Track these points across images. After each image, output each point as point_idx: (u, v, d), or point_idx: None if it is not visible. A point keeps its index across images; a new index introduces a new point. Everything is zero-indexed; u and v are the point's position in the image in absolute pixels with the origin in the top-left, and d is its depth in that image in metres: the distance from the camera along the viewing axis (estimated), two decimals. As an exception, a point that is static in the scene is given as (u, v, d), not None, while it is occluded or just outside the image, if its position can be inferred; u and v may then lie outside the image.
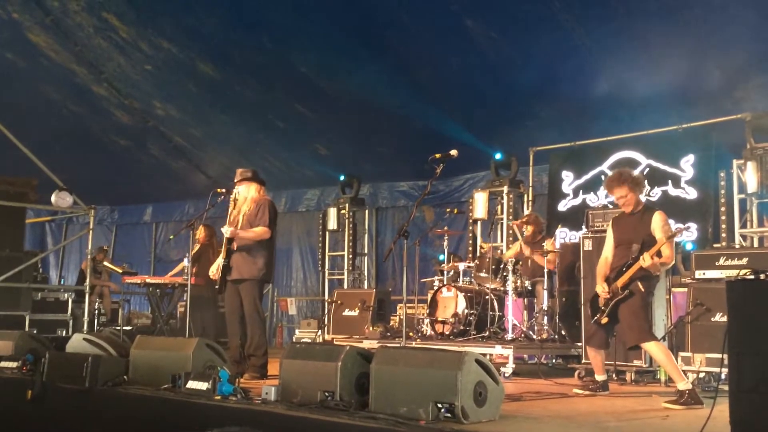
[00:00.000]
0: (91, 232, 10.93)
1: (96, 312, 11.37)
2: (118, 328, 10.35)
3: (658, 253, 5.77)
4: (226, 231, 6.99)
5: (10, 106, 11.82)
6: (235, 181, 7.28)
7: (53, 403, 5.94)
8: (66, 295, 11.29)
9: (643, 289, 5.83)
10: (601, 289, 6.02)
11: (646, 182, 6.32)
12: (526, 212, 10.64)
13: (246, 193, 7.21)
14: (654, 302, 6.37)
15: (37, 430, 5.96)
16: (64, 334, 10.30)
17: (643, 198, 6.27)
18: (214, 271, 7.23)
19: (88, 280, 10.84)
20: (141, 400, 5.59)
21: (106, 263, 13.03)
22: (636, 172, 7.08)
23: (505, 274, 8.69)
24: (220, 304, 10.74)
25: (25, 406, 6.03)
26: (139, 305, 15.14)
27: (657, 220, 5.94)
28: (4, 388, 6.40)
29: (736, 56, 8.41)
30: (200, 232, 9.81)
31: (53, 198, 10.38)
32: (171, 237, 11.29)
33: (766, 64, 8.43)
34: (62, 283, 16.45)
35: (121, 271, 12.28)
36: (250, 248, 7.04)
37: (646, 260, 5.72)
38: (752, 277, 3.45)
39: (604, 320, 5.98)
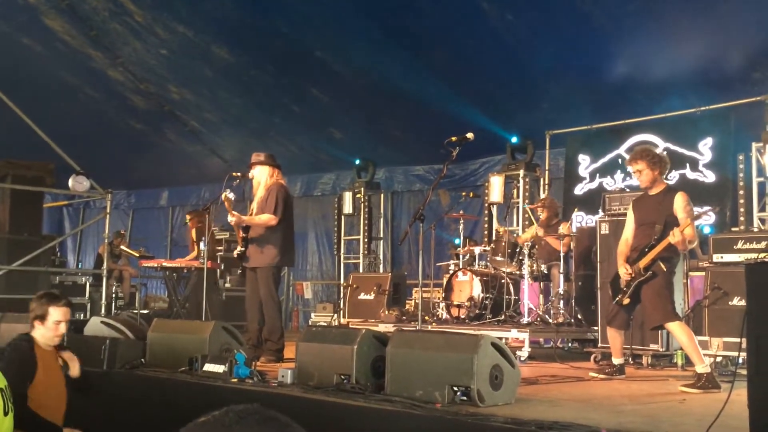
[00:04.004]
0: (108, 216, 10.97)
1: (113, 295, 11.45)
2: (135, 311, 10.42)
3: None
4: (231, 220, 7.05)
5: (27, 90, 11.84)
6: (249, 164, 7.29)
7: (71, 386, 5.99)
8: (83, 278, 11.37)
9: (665, 269, 5.81)
10: (624, 270, 6.00)
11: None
12: (543, 196, 10.59)
13: (260, 178, 7.22)
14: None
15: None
16: (81, 318, 10.38)
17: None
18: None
19: (105, 263, 10.91)
20: (158, 382, 5.64)
21: (123, 247, 13.11)
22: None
23: (520, 258, 8.66)
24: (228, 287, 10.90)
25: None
26: (156, 289, 15.25)
27: (679, 200, 5.91)
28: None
29: (754, 38, 8.30)
30: (188, 219, 9.98)
31: (70, 182, 10.41)
32: (187, 221, 11.33)
33: (787, 46, 8.32)
34: (80, 267, 16.57)
35: (137, 255, 12.36)
36: (263, 236, 7.08)
37: (675, 235, 5.65)
38: (772, 260, 3.42)
39: (626, 301, 5.97)
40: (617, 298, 6.06)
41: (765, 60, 8.61)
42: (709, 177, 9.33)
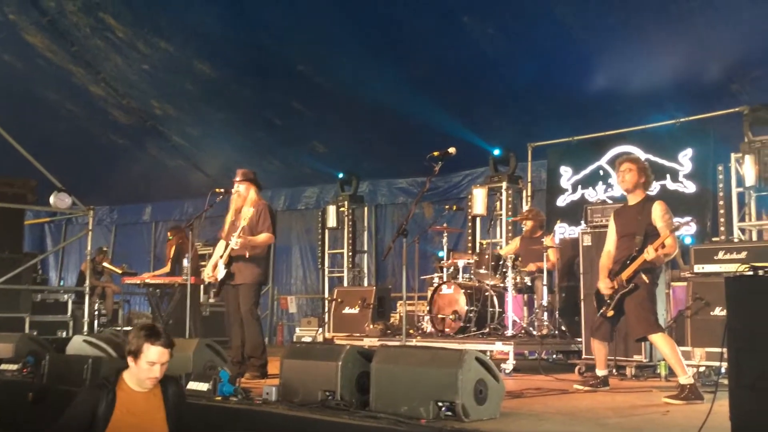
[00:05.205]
0: (90, 232, 10.93)
1: (96, 313, 11.38)
2: (119, 328, 10.36)
3: (662, 245, 5.78)
4: (236, 243, 6.89)
5: (8, 107, 11.81)
6: (237, 179, 7.25)
7: (54, 406, 5.94)
8: (66, 296, 11.29)
9: (647, 281, 5.86)
10: (604, 285, 6.04)
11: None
12: (525, 208, 10.64)
13: (245, 194, 7.19)
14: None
15: (38, 432, 5.96)
16: (64, 335, 10.31)
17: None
18: (210, 273, 7.22)
19: (87, 281, 10.84)
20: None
21: (105, 264, 13.03)
22: None
23: (504, 270, 8.68)
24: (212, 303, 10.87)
25: (26, 409, 6.04)
26: (139, 305, 15.15)
27: (657, 209, 5.97)
28: (4, 391, 6.41)
29: (732, 50, 8.40)
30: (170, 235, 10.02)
31: (52, 199, 10.37)
32: (170, 237, 11.28)
33: (763, 57, 8.42)
34: (62, 284, 16.45)
35: (120, 271, 12.29)
36: (252, 254, 7.05)
37: (650, 253, 5.73)
38: (750, 273, 3.46)
39: (610, 313, 6.00)
40: (601, 311, 6.09)
41: (742, 72, 8.72)
42: (690, 188, 9.42)
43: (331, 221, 12.65)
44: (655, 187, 9.43)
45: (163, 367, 4.01)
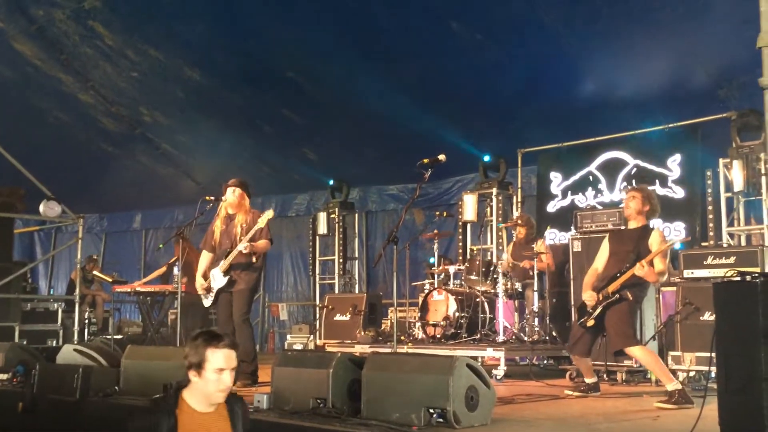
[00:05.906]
0: (80, 241, 10.88)
1: (86, 321, 11.32)
2: (109, 337, 10.32)
3: (652, 264, 5.81)
4: (245, 247, 6.90)
5: (-4, 115, 11.78)
6: (232, 184, 7.21)
7: (44, 415, 5.92)
8: (56, 305, 11.24)
9: (631, 298, 5.89)
10: (588, 296, 6.06)
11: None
12: (516, 214, 10.66)
13: (239, 200, 7.16)
14: (644, 302, 6.43)
15: (28, 442, 5.93)
16: (54, 345, 10.25)
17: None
18: (203, 282, 7.20)
19: (77, 289, 10.80)
20: (133, 411, 5.57)
21: (95, 272, 12.98)
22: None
23: (495, 276, 8.70)
24: (212, 311, 10.77)
25: (16, 419, 6.01)
26: (129, 313, 15.09)
27: (656, 236, 6.02)
28: (-6, 401, 6.38)
29: (720, 55, 8.45)
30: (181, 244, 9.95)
31: (41, 208, 10.32)
32: (161, 245, 11.25)
33: (750, 63, 8.44)
34: (52, 292, 16.37)
35: (110, 280, 12.23)
36: (250, 261, 7.07)
37: (643, 267, 5.75)
38: (738, 278, 3.48)
39: (590, 323, 6.02)
40: (582, 320, 6.11)
41: (729, 77, 8.76)
42: (679, 193, 9.46)
43: (322, 228, 12.64)
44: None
45: (232, 373, 3.51)
